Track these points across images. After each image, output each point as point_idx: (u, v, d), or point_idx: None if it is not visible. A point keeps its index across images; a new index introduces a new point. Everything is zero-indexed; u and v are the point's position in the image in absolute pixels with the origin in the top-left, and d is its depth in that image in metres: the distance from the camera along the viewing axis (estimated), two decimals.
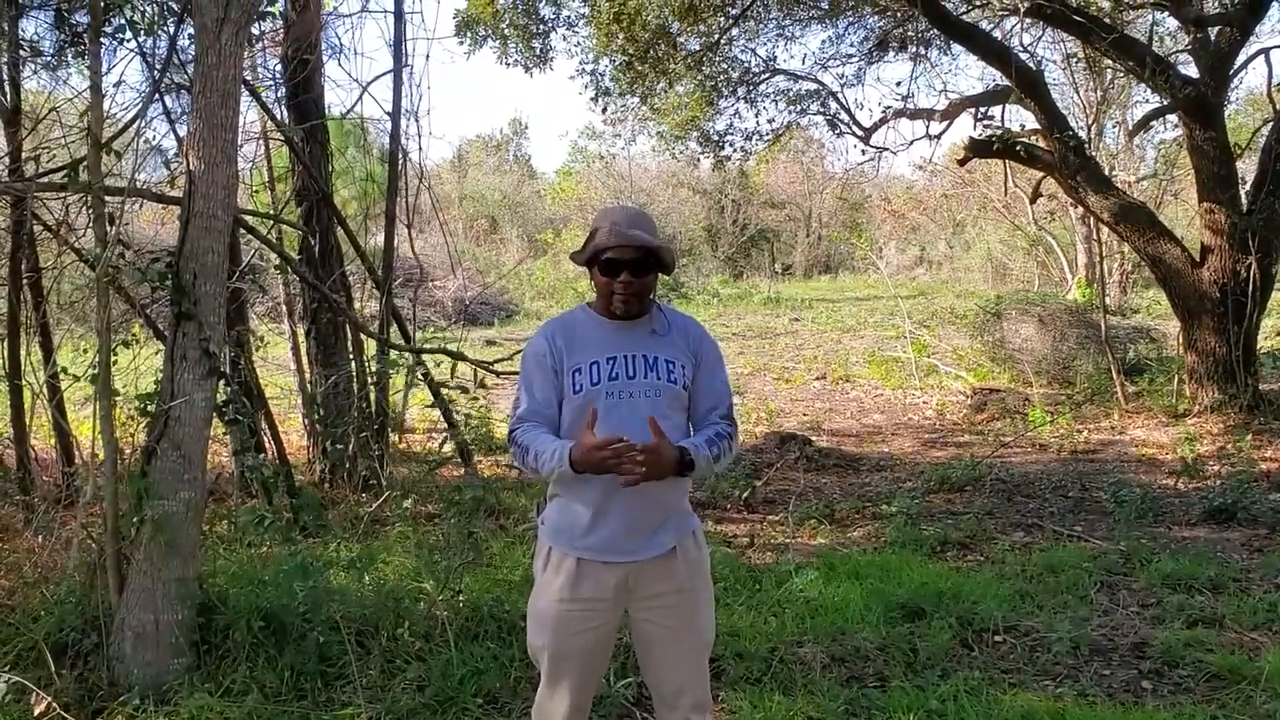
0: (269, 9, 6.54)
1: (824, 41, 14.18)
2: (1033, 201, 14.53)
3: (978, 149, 10.53)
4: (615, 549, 2.64)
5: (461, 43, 11.91)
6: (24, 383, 5.62)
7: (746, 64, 13.32)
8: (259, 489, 5.88)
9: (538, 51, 12.15)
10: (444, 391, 6.53)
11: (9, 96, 5.58)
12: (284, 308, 8.22)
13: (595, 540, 2.64)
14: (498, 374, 6.68)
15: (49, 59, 5.82)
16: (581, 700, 2.76)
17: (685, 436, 2.71)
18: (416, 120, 7.07)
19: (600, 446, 2.44)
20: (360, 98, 8.65)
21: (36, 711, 3.53)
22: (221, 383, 4.10)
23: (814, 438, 9.56)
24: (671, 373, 2.67)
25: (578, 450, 2.48)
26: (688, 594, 2.71)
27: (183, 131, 5.24)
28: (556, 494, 2.73)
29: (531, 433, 2.63)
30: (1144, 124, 13.97)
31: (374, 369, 6.85)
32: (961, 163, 11.83)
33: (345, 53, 11.49)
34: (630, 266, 2.63)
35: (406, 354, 6.62)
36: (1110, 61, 11.21)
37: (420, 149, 11.74)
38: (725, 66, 13.15)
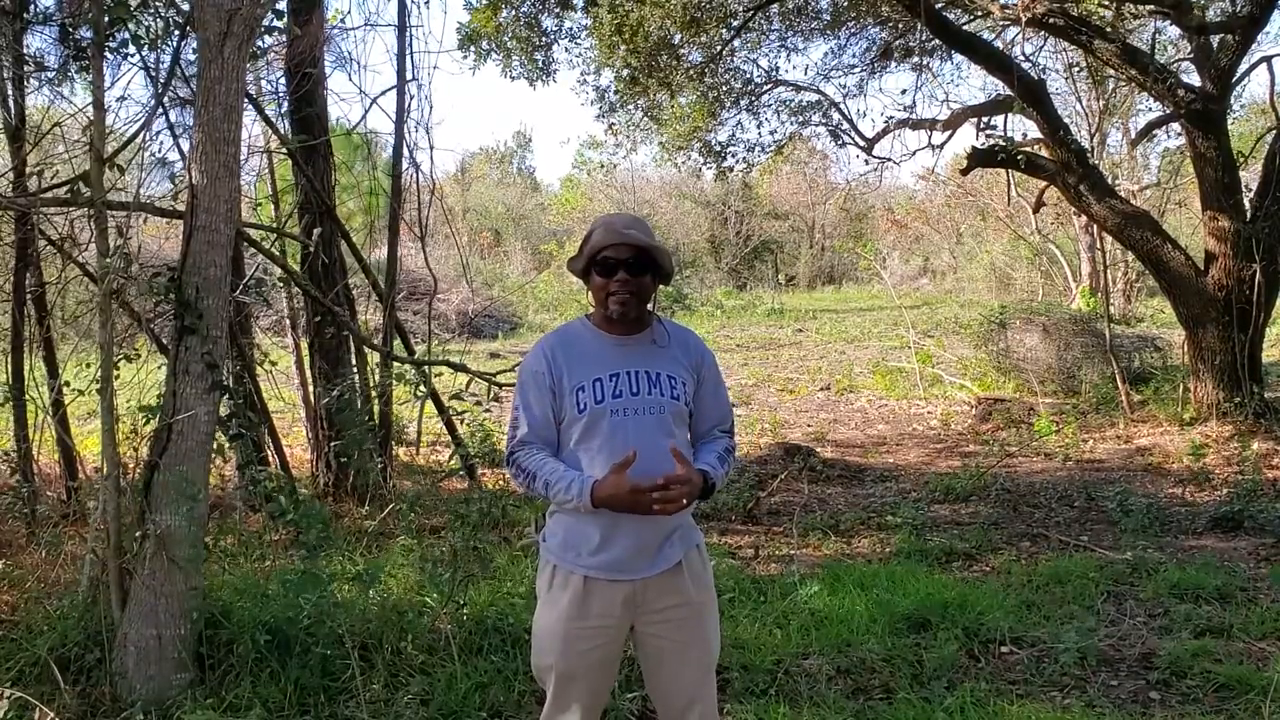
0: (274, 25, 6.57)
1: (826, 52, 14.21)
2: (1036, 211, 14.54)
3: (980, 158, 10.53)
4: (624, 567, 2.62)
5: (465, 56, 11.93)
6: (28, 397, 5.62)
7: (748, 75, 13.35)
8: (263, 502, 5.87)
9: (540, 64, 12.16)
10: (454, 403, 6.53)
11: (13, 111, 5.59)
12: (287, 321, 8.23)
13: (604, 559, 2.61)
14: (500, 385, 6.67)
15: (53, 74, 5.83)
16: (591, 716, 2.74)
17: (689, 452, 2.70)
18: (427, 132, 7.10)
19: (639, 490, 2.45)
20: (367, 112, 8.64)
21: None
22: (225, 397, 4.10)
23: (818, 449, 9.54)
24: (674, 389, 2.66)
25: (607, 488, 2.48)
26: (694, 607, 2.69)
27: (186, 144, 5.25)
28: (559, 511, 2.71)
29: (537, 458, 2.62)
30: (1147, 132, 14.00)
31: (378, 381, 6.85)
32: (964, 172, 11.83)
33: (350, 67, 11.49)
34: (626, 265, 2.61)
35: (411, 367, 6.62)
36: (1112, 70, 11.21)
37: (431, 161, 11.72)
38: (727, 78, 13.17)
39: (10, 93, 5.62)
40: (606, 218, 2.73)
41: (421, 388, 6.30)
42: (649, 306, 2.76)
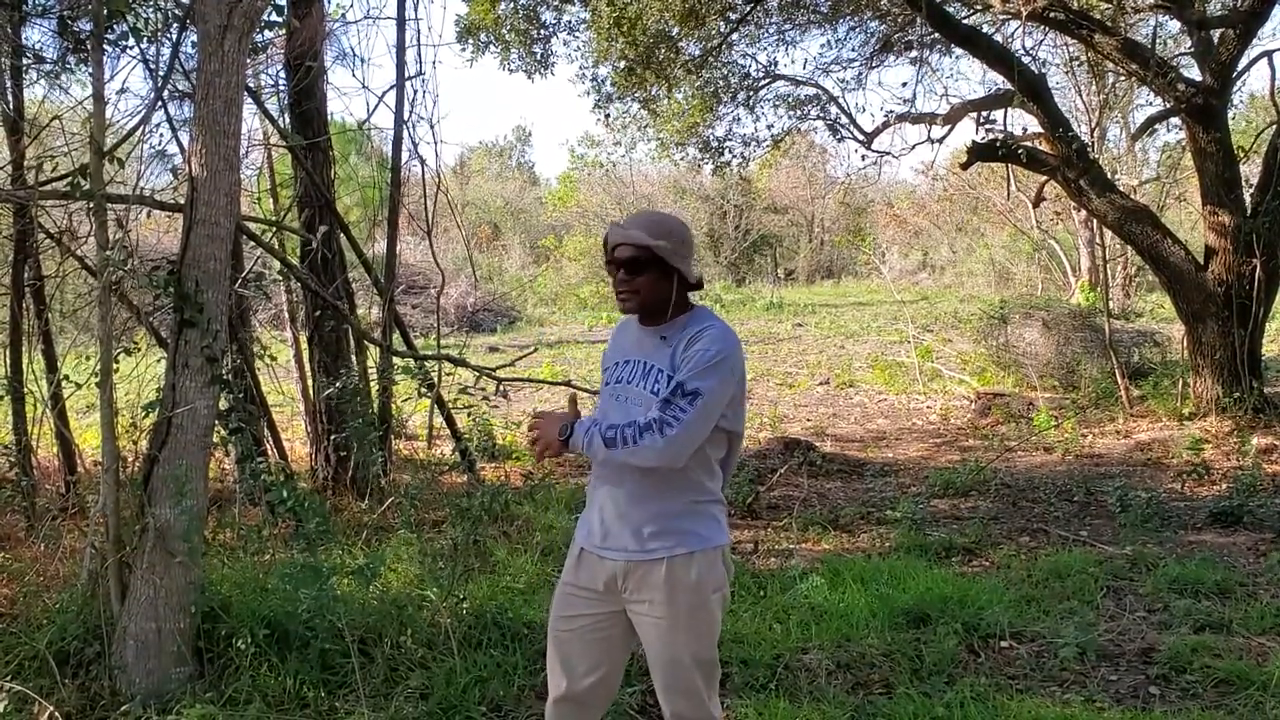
0: (273, 19, 6.54)
1: (823, 45, 14.18)
2: (1036, 205, 14.51)
3: (980, 153, 10.52)
4: (602, 543, 2.72)
5: (464, 49, 11.92)
6: (27, 391, 5.61)
7: (746, 69, 13.32)
8: (262, 496, 5.86)
9: (539, 57, 12.16)
10: (462, 397, 6.52)
11: (11, 104, 5.57)
12: (286, 315, 8.22)
13: (585, 531, 2.79)
14: (499, 380, 6.66)
15: (52, 66, 5.81)
16: (574, 689, 2.77)
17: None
18: (431, 127, 7.10)
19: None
20: (373, 111, 8.59)
21: None
22: (224, 390, 4.09)
23: (818, 443, 9.54)
24: (657, 383, 2.66)
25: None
26: (671, 608, 2.64)
27: (185, 138, 5.23)
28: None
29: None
30: (1147, 127, 13.97)
31: (377, 376, 6.84)
32: (964, 166, 11.81)
33: (350, 60, 11.46)
34: (622, 264, 2.68)
35: (412, 360, 6.61)
36: (1113, 65, 11.19)
37: (437, 155, 11.77)
38: (725, 71, 13.15)
39: (9, 85, 5.60)
40: (619, 220, 2.84)
41: (427, 385, 6.28)
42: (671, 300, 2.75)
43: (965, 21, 10.98)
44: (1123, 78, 14.41)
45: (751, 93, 13.50)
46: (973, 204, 25.62)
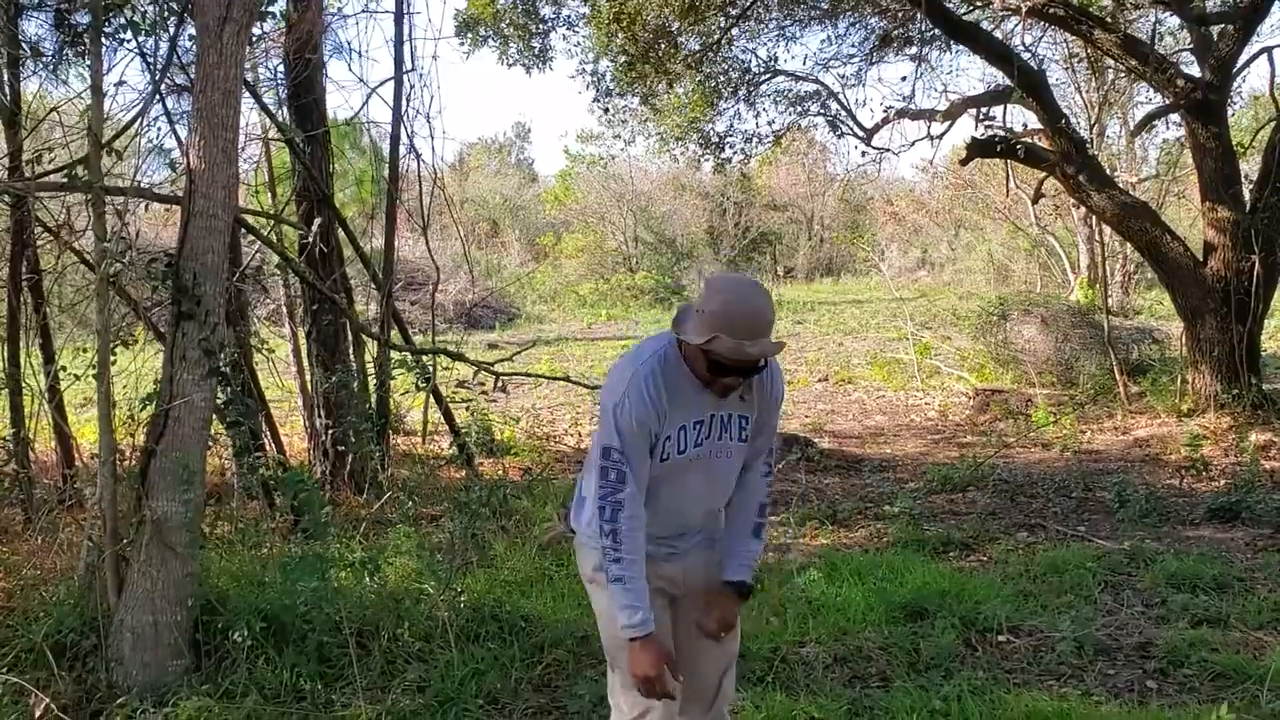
0: (270, 9, 6.52)
1: (823, 41, 14.14)
2: (1035, 202, 14.52)
3: (979, 149, 10.52)
4: (682, 563, 2.79)
5: (462, 43, 11.91)
6: (24, 384, 5.61)
7: (746, 64, 13.30)
8: (260, 490, 5.85)
9: (538, 51, 12.14)
10: (459, 391, 6.53)
11: (9, 97, 5.56)
12: (284, 309, 8.21)
13: (669, 570, 2.76)
14: (498, 374, 6.66)
15: (49, 59, 5.80)
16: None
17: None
18: (429, 121, 7.12)
19: (652, 682, 2.52)
20: (366, 101, 8.70)
21: (35, 713, 3.51)
22: (222, 383, 4.09)
23: (816, 439, 9.54)
24: (744, 430, 2.70)
25: (644, 665, 2.52)
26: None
27: (183, 131, 5.22)
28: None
29: (634, 545, 2.53)
30: (1146, 123, 13.95)
31: (375, 370, 6.84)
32: (963, 163, 11.82)
33: (349, 53, 11.41)
34: (742, 371, 2.50)
35: (410, 355, 6.60)
36: (1112, 61, 11.18)
37: (434, 150, 11.79)
38: (725, 67, 13.12)
39: (6, 77, 5.59)
40: (734, 314, 2.43)
41: (424, 379, 6.28)
42: None
43: (965, 17, 10.97)
44: (1122, 74, 14.38)
45: (752, 88, 13.46)
46: (979, 202, 25.57)
